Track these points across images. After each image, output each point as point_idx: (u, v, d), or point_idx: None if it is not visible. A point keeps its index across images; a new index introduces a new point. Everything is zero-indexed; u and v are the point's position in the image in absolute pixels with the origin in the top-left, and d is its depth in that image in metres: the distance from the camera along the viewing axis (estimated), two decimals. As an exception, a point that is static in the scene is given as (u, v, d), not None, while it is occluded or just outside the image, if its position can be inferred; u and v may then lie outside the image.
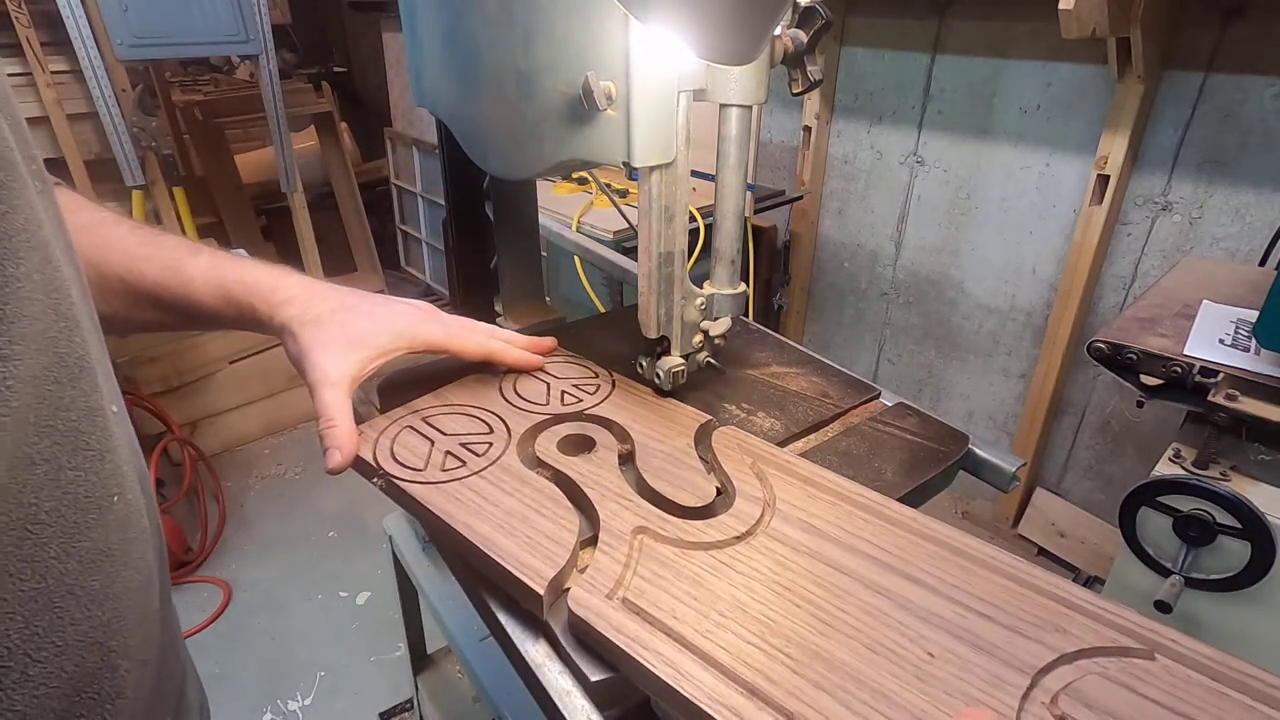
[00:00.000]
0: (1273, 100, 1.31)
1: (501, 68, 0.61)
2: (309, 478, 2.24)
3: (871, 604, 0.46)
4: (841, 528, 0.52)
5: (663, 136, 0.57)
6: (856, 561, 0.49)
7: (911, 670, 0.42)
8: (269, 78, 2.21)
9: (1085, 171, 1.56)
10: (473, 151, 0.71)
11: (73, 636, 0.31)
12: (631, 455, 0.60)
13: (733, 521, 0.52)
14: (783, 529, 0.52)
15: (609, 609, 0.45)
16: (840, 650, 0.43)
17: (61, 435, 0.30)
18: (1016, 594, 0.46)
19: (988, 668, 0.42)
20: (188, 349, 2.15)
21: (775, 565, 0.49)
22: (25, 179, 0.29)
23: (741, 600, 0.46)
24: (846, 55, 1.96)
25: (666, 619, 0.44)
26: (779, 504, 0.54)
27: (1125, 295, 1.61)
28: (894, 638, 0.44)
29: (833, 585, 0.47)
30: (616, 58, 0.54)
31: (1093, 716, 0.39)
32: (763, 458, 0.59)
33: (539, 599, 0.46)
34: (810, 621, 0.45)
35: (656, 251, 0.63)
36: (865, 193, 2.05)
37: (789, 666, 0.42)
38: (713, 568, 0.49)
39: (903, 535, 0.51)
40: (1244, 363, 0.83)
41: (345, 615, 1.80)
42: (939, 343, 2.03)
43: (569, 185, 1.98)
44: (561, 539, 0.50)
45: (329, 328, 0.58)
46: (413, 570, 1.00)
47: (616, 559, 0.49)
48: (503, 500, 0.54)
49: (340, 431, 0.56)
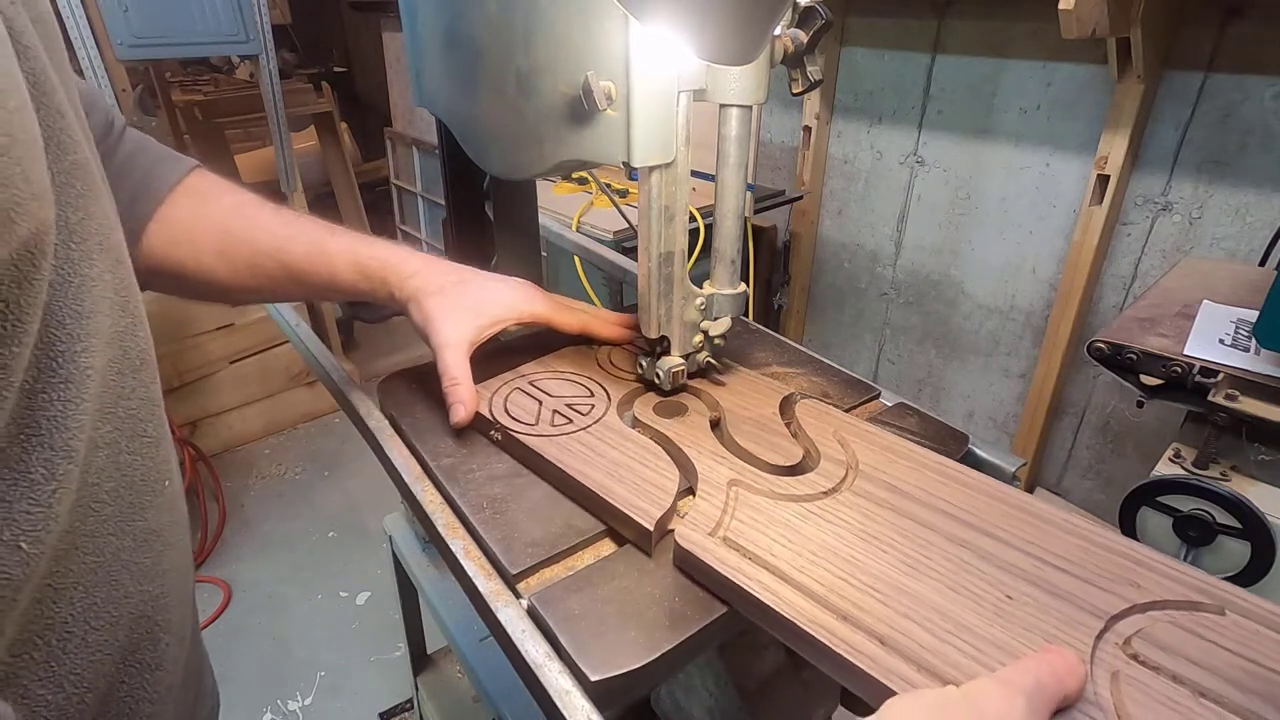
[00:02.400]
0: (1273, 100, 1.31)
1: (501, 68, 0.61)
2: (309, 478, 2.24)
3: (953, 553, 0.50)
4: (922, 488, 0.56)
5: (663, 136, 0.58)
6: (937, 517, 0.53)
7: (991, 609, 0.45)
8: (269, 78, 2.21)
9: (1085, 171, 1.56)
10: (473, 151, 0.71)
11: (125, 609, 0.34)
12: (721, 421, 0.65)
13: (819, 479, 0.57)
14: (866, 487, 0.56)
15: (712, 544, 0.50)
16: (925, 589, 0.47)
17: (121, 422, 0.32)
18: (1091, 552, 0.49)
19: (1064, 611, 0.44)
20: (188, 349, 2.15)
21: (861, 517, 0.53)
22: (100, 185, 0.31)
23: (831, 544, 0.50)
24: (846, 55, 1.96)
25: (764, 555, 0.49)
26: (861, 466, 0.58)
27: (1125, 295, 1.61)
28: (974, 581, 0.47)
29: (915, 535, 0.51)
30: (616, 58, 0.54)
31: (1164, 657, 0.41)
32: (844, 427, 0.64)
33: (649, 535, 0.52)
34: (896, 564, 0.49)
35: (656, 251, 0.63)
36: (865, 193, 2.05)
37: (878, 599, 0.46)
38: (803, 516, 0.53)
39: (980, 498, 0.55)
40: (1244, 363, 0.83)
41: (345, 615, 1.80)
42: (939, 343, 2.03)
43: (569, 185, 1.98)
44: (664, 486, 0.56)
45: (451, 298, 0.65)
46: (413, 570, 1.00)
47: (715, 505, 0.54)
48: (608, 452, 0.60)
49: (463, 389, 0.63)
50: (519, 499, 0.60)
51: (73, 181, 0.28)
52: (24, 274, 0.23)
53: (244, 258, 0.61)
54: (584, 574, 0.53)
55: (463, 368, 0.63)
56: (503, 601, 0.51)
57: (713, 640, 0.50)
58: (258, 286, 0.63)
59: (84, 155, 0.29)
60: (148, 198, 0.58)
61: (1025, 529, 0.51)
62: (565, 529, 0.57)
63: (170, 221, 0.59)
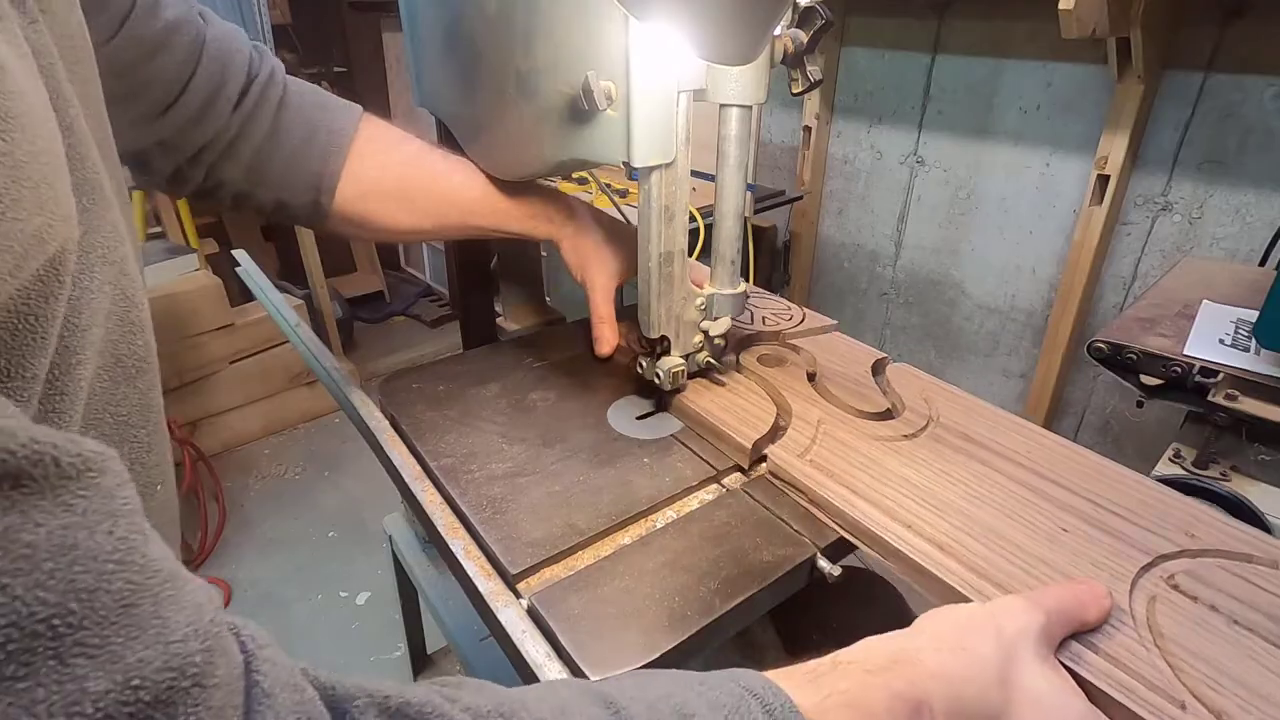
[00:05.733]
0: (1273, 100, 1.31)
1: (501, 68, 0.61)
2: (309, 478, 2.24)
3: (1014, 490, 0.56)
4: (995, 440, 0.63)
5: (663, 136, 0.58)
6: (1005, 463, 0.60)
7: (1044, 535, 0.50)
8: (269, 78, 2.20)
9: (1085, 171, 1.56)
10: (473, 151, 0.71)
11: None
12: (815, 374, 0.75)
13: (901, 425, 0.66)
14: (944, 434, 0.65)
15: (800, 463, 0.60)
16: (984, 514, 0.53)
17: (110, 428, 0.32)
18: (1153, 505, 0.54)
19: (1113, 546, 0.49)
20: (188, 349, 2.15)
21: (935, 457, 0.61)
22: (109, 199, 0.31)
23: (903, 473, 0.59)
24: (846, 55, 1.96)
25: (845, 475, 0.58)
26: (942, 419, 0.67)
27: (1125, 295, 1.61)
28: (1033, 515, 0.53)
29: (980, 474, 0.58)
30: (616, 58, 0.54)
31: (1204, 590, 0.44)
32: (930, 387, 0.73)
33: (745, 452, 0.63)
34: (962, 494, 0.56)
35: (656, 251, 0.63)
36: (865, 193, 2.05)
37: (940, 516, 0.53)
38: (881, 450, 0.62)
39: (1052, 451, 0.61)
40: (1244, 363, 0.83)
41: (345, 615, 1.80)
42: (939, 343, 2.03)
43: (569, 185, 1.97)
44: (762, 418, 0.66)
45: (603, 248, 0.76)
46: (413, 570, 1.00)
47: (805, 435, 0.64)
48: (717, 389, 0.72)
49: (608, 327, 0.77)
50: (519, 499, 0.60)
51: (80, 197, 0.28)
52: (50, 290, 0.23)
53: (425, 207, 0.69)
54: (584, 574, 0.53)
55: (609, 308, 0.76)
56: (503, 601, 0.51)
57: (713, 640, 0.50)
58: (435, 228, 0.71)
59: (94, 169, 0.30)
60: (336, 153, 0.64)
61: (1091, 480, 0.56)
62: (565, 529, 0.57)
63: (358, 178, 0.66)
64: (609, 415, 0.73)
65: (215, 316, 2.17)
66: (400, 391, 0.74)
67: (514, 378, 0.78)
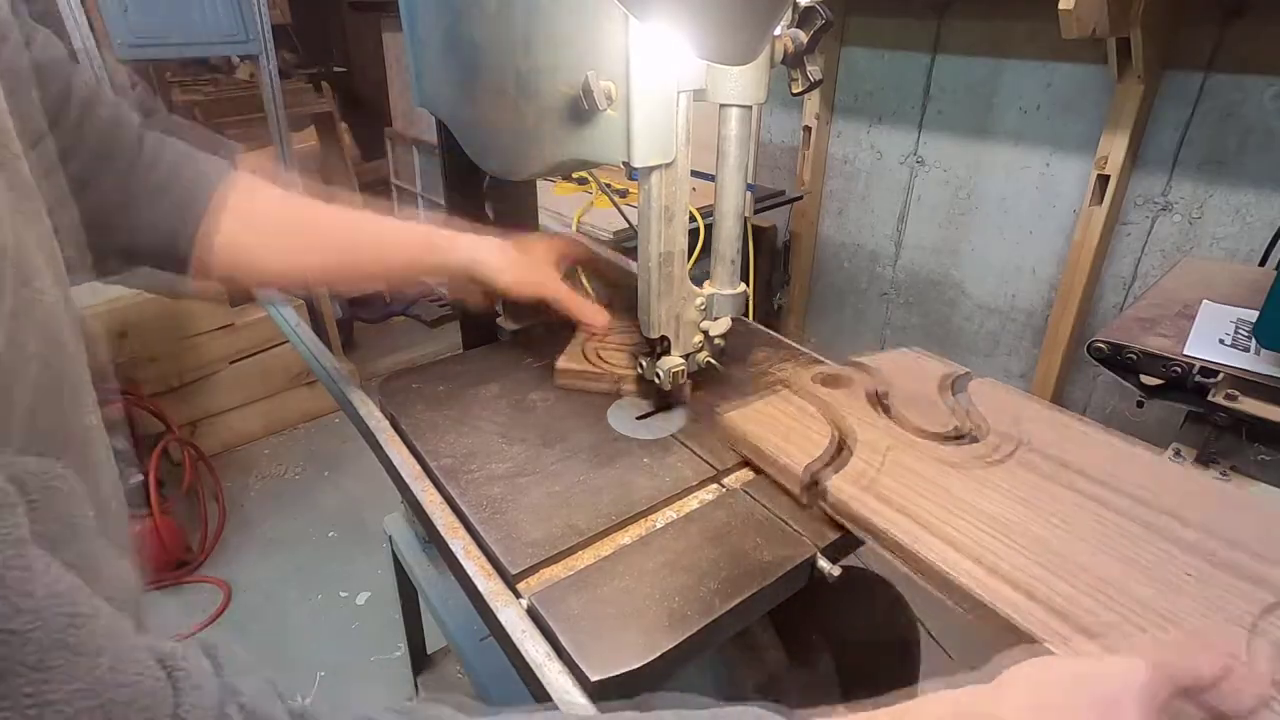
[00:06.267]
0: (1273, 100, 1.31)
1: (501, 68, 0.61)
2: (309, 478, 2.24)
3: (1114, 521, 0.51)
4: (1095, 465, 0.57)
5: (663, 136, 0.58)
6: (1104, 490, 0.54)
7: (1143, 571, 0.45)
8: (269, 78, 2.20)
9: (1085, 171, 1.56)
10: (473, 151, 0.71)
11: None
12: (886, 393, 0.70)
13: (983, 449, 0.61)
14: (1033, 459, 0.59)
15: (860, 493, 0.56)
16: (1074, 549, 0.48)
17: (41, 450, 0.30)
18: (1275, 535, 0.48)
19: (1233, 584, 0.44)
20: (188, 349, 2.15)
21: (1016, 483, 0.56)
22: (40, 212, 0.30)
23: (978, 504, 0.53)
24: (846, 55, 1.96)
25: (908, 505, 0.53)
26: (1033, 442, 0.61)
27: (1125, 295, 1.61)
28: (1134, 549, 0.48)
29: (1071, 503, 0.53)
30: (616, 58, 0.54)
31: None
32: (1022, 406, 0.67)
33: (796, 478, 0.59)
34: (1044, 525, 0.51)
35: (656, 251, 0.63)
36: (865, 193, 2.05)
37: (1017, 550, 0.48)
38: (954, 478, 0.57)
39: (1162, 477, 0.56)
40: (1244, 363, 0.83)
41: (345, 615, 1.80)
42: (939, 343, 2.02)
43: (569, 185, 1.97)
44: (818, 442, 0.62)
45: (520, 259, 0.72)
46: (413, 570, 1.00)
47: (869, 463, 0.59)
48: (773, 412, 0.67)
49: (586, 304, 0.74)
50: (519, 499, 0.60)
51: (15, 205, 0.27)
52: None
53: (308, 242, 0.65)
54: (584, 574, 0.53)
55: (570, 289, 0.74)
56: (503, 601, 0.51)
57: (713, 640, 0.50)
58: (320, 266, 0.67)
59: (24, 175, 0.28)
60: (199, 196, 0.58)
61: (1206, 507, 0.51)
62: (565, 529, 0.57)
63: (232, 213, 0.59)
64: (609, 415, 0.73)
65: (215, 317, 2.17)
66: (400, 391, 0.74)
67: (514, 378, 0.78)
